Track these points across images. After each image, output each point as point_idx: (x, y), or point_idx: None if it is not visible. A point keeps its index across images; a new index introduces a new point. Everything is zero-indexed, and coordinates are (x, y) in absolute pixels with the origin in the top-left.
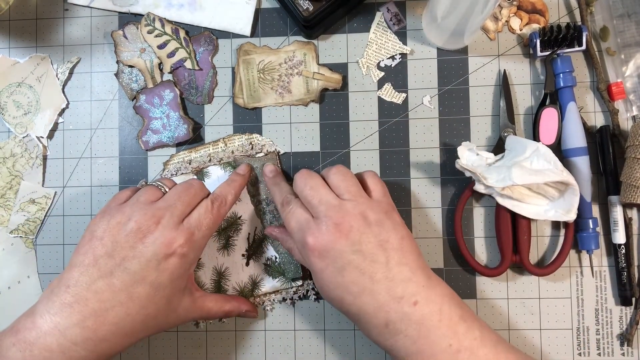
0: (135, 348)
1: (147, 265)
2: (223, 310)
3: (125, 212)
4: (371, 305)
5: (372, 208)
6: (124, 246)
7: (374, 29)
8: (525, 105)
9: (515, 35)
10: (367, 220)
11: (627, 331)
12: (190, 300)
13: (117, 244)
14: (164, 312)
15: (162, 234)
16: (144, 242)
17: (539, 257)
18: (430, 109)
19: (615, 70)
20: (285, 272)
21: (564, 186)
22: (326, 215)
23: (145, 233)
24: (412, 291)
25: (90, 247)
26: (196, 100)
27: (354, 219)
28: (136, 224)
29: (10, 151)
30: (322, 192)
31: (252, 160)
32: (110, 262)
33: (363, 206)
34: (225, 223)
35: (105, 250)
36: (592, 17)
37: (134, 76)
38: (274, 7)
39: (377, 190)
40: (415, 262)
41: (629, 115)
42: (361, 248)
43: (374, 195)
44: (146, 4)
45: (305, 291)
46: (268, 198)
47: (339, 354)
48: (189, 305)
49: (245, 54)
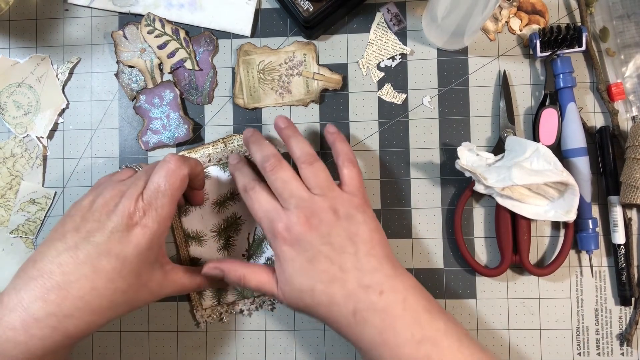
0: (135, 348)
1: (110, 238)
2: (196, 283)
3: (97, 191)
4: (340, 293)
5: (342, 202)
6: (90, 220)
7: (374, 30)
8: (525, 105)
9: (515, 35)
10: (337, 214)
11: (627, 331)
12: (161, 274)
13: (84, 219)
14: (134, 287)
15: (124, 206)
16: (108, 216)
17: (539, 257)
18: (430, 109)
19: (615, 71)
20: None
21: (563, 186)
22: (297, 207)
23: (111, 207)
24: (379, 280)
25: (61, 224)
26: (196, 101)
27: (323, 212)
28: (103, 199)
29: (10, 151)
30: (294, 185)
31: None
32: (76, 235)
33: (333, 200)
34: (225, 223)
35: (73, 226)
36: (592, 17)
37: (134, 76)
38: (274, 7)
39: (350, 184)
40: (383, 253)
41: (628, 116)
42: (331, 240)
43: (346, 189)
44: (146, 4)
45: None
46: None
47: (339, 353)
48: (161, 279)
49: (246, 55)
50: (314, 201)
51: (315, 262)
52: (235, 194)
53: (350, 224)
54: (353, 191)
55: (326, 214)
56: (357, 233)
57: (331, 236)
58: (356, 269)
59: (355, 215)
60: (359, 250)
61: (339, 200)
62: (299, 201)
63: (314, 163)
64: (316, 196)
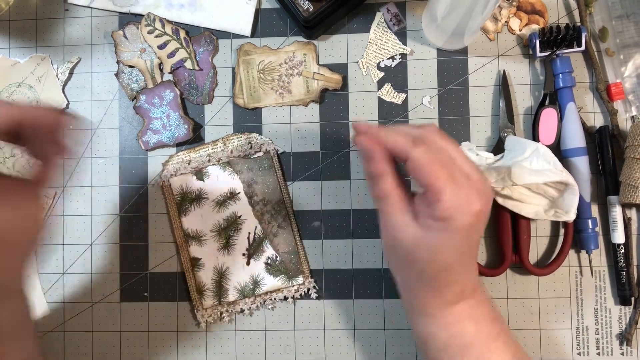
0: (135, 348)
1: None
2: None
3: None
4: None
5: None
6: None
7: (374, 30)
8: (525, 105)
9: (515, 35)
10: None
11: (627, 331)
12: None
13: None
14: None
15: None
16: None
17: (539, 257)
18: (430, 109)
19: (614, 70)
20: (286, 271)
21: (563, 186)
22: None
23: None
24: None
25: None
26: (196, 101)
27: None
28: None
29: (10, 151)
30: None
31: (250, 161)
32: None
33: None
34: (225, 223)
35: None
36: (591, 17)
37: (134, 76)
38: (274, 7)
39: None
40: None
41: (628, 116)
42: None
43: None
44: (146, 4)
45: (306, 289)
46: (265, 198)
47: (339, 353)
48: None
49: (246, 54)
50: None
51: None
52: (235, 193)
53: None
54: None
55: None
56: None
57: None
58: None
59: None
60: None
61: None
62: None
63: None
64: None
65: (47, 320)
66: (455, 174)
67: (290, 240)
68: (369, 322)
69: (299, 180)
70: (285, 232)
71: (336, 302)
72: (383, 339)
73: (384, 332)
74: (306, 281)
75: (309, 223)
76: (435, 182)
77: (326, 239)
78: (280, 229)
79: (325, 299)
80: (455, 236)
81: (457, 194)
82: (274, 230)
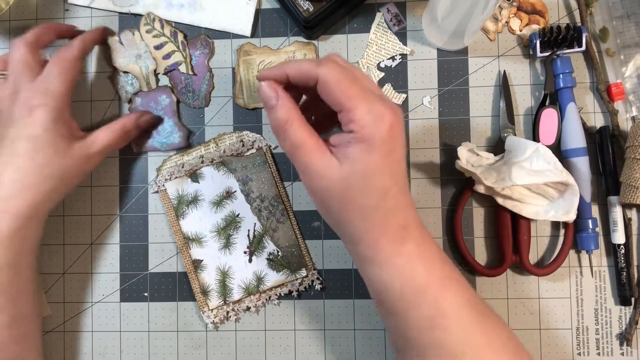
0: (135, 348)
1: (18, 125)
2: (115, 131)
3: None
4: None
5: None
6: (2, 121)
7: (374, 30)
8: (525, 105)
9: (515, 36)
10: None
11: (627, 331)
12: (78, 139)
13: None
14: (56, 157)
15: (22, 96)
16: (11, 109)
17: (539, 257)
18: (430, 109)
19: (615, 71)
20: (289, 265)
21: (563, 186)
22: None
23: (13, 100)
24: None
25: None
26: (193, 104)
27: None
28: (5, 100)
29: None
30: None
31: (243, 159)
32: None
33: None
34: (224, 222)
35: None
36: (592, 18)
37: (130, 78)
38: (274, 7)
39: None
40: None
41: (628, 116)
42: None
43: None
44: (146, 4)
45: (310, 282)
46: (262, 194)
47: (339, 353)
48: (81, 144)
49: (246, 55)
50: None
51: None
52: (231, 192)
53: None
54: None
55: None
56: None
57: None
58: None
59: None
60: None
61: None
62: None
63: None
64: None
65: (47, 320)
66: (365, 90)
67: (290, 234)
68: (369, 322)
69: (299, 180)
70: (284, 227)
71: (336, 302)
72: (383, 339)
73: (384, 332)
74: (309, 273)
75: (309, 223)
76: (348, 101)
77: (326, 239)
78: (279, 223)
79: (325, 299)
80: (380, 155)
81: (370, 109)
82: (273, 225)
